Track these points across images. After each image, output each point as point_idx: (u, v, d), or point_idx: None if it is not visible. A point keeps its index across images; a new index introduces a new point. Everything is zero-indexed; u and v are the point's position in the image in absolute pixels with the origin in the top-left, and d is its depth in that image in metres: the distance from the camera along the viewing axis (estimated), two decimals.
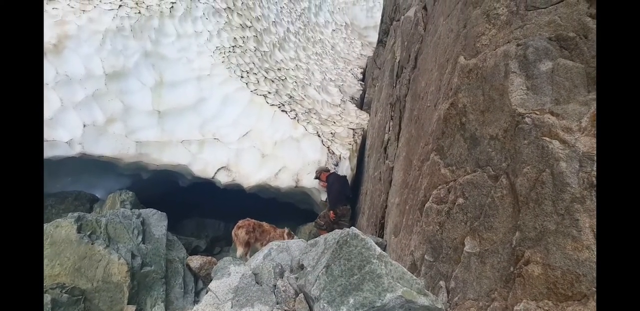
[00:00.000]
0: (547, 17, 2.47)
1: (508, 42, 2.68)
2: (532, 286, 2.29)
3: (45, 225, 4.24)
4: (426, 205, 3.48)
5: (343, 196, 7.81)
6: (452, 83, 3.27)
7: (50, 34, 7.64)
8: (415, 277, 2.73)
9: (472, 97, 2.96)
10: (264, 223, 6.76)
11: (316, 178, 7.92)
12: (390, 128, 6.04)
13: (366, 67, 13.80)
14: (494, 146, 2.73)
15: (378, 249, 2.82)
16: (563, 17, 2.40)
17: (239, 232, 6.42)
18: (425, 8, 5.18)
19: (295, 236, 7.06)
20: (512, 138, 2.56)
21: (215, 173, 8.25)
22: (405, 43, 5.85)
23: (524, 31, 2.58)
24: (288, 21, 13.68)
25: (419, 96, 4.54)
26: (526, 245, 2.39)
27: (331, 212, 7.51)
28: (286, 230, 7.02)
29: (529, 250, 2.36)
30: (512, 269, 2.48)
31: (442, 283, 3.11)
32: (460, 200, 2.99)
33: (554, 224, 2.22)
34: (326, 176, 7.86)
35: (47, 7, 8.09)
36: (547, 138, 2.32)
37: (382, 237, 5.31)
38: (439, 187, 3.30)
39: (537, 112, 2.42)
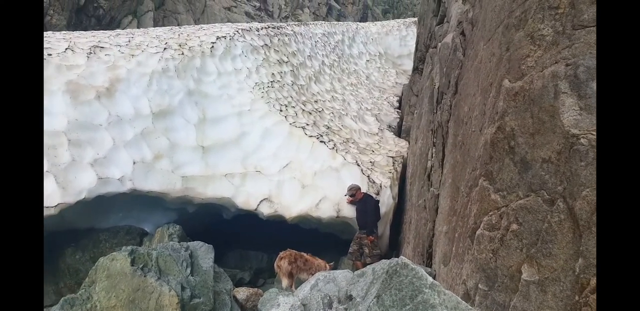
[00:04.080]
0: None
1: (556, 62, 2.64)
2: None
3: (101, 259, 4.45)
4: (477, 233, 3.37)
5: (377, 220, 7.80)
6: (497, 107, 3.23)
7: (103, 79, 8.18)
8: (470, 307, 2.63)
9: (520, 120, 2.91)
10: (304, 254, 6.71)
11: (352, 195, 7.81)
12: (433, 155, 5.97)
13: (402, 94, 13.86)
14: (547, 169, 2.65)
15: (430, 278, 2.75)
16: None
17: (282, 263, 6.38)
18: (463, 34, 5.22)
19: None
20: (567, 160, 2.48)
21: (258, 205, 8.33)
22: (444, 69, 5.87)
23: (573, 50, 2.55)
24: (323, 54, 14.05)
25: (462, 121, 4.50)
26: (591, 272, 2.27)
27: (370, 236, 7.52)
28: (330, 265, 6.82)
29: (595, 278, 2.23)
30: (577, 298, 2.35)
31: None
32: (514, 226, 2.89)
33: None
34: (362, 195, 7.84)
35: (100, 54, 8.70)
36: None
37: (431, 267, 5.15)
38: (490, 213, 3.21)
39: (593, 133, 2.35)
